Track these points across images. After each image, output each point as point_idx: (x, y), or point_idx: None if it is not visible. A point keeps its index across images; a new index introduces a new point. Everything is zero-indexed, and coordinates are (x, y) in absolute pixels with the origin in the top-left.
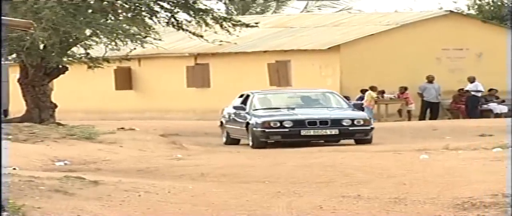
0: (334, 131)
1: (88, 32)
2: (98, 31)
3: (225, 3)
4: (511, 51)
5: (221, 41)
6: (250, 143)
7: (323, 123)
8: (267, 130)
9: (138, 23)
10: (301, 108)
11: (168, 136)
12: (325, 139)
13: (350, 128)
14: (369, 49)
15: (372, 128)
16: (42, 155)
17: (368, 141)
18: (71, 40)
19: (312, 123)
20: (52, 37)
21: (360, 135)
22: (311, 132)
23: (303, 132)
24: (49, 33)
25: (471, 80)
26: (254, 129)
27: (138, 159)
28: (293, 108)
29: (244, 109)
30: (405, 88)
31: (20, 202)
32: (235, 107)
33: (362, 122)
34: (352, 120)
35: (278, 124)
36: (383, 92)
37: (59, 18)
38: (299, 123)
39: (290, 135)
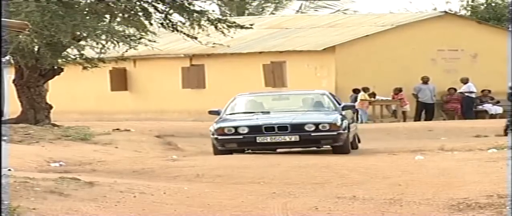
0: (294, 138)
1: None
2: (85, 34)
3: (218, 5)
4: (511, 53)
5: (214, 43)
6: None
7: (282, 128)
8: (220, 137)
9: (134, 24)
10: (280, 112)
11: (163, 137)
12: (284, 146)
13: (313, 134)
14: (364, 50)
15: (340, 133)
16: (37, 156)
17: (342, 149)
18: (65, 42)
19: (270, 129)
20: (37, 39)
21: (327, 142)
22: (268, 139)
23: (258, 139)
24: (32, 36)
25: (464, 81)
26: (211, 136)
27: (133, 160)
28: (268, 112)
29: (219, 114)
30: (400, 89)
31: (15, 203)
32: (210, 112)
33: (328, 127)
34: (317, 125)
35: (233, 131)
36: (374, 94)
37: (45, 21)
38: (255, 129)
39: (246, 143)
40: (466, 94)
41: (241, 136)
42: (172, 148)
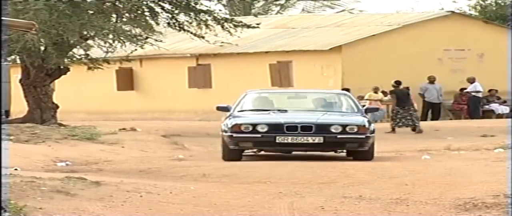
0: (318, 139)
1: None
2: (91, 33)
3: (224, 5)
4: (511, 52)
5: (222, 42)
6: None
7: (306, 128)
8: (235, 135)
9: (141, 24)
10: (298, 111)
11: (170, 137)
12: (306, 148)
13: (339, 136)
14: (371, 49)
15: (368, 137)
16: (43, 156)
17: (366, 155)
18: (72, 41)
19: (292, 128)
20: (44, 39)
21: (353, 145)
22: (289, 140)
23: (278, 139)
24: (39, 35)
25: (471, 80)
26: (224, 134)
27: (140, 159)
28: (285, 111)
29: (228, 110)
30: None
31: (22, 203)
32: (218, 108)
33: (355, 129)
34: (344, 126)
35: (250, 128)
36: (384, 93)
37: (52, 20)
38: (275, 128)
39: (263, 143)
40: (473, 93)
41: (259, 135)
42: (178, 147)
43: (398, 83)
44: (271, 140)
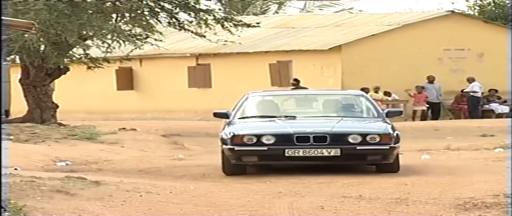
0: (334, 152)
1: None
2: (91, 33)
3: (223, 4)
4: (511, 51)
5: (225, 41)
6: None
7: (320, 139)
8: (237, 149)
9: (140, 23)
10: (309, 117)
11: (169, 137)
12: (321, 162)
13: (358, 148)
14: (371, 49)
15: (392, 147)
16: (43, 156)
17: (391, 167)
18: (71, 41)
19: (303, 139)
20: (44, 39)
21: (375, 158)
22: (300, 153)
23: (288, 153)
24: (39, 35)
25: (470, 80)
26: (224, 146)
27: (139, 159)
28: (294, 117)
29: (227, 116)
30: (422, 87)
31: (22, 203)
32: (215, 114)
33: (378, 139)
34: (364, 135)
35: (255, 140)
36: (389, 93)
37: (51, 20)
38: (284, 139)
39: (270, 156)
40: (471, 93)
41: (265, 148)
42: (178, 147)
43: (296, 81)
44: (279, 154)
